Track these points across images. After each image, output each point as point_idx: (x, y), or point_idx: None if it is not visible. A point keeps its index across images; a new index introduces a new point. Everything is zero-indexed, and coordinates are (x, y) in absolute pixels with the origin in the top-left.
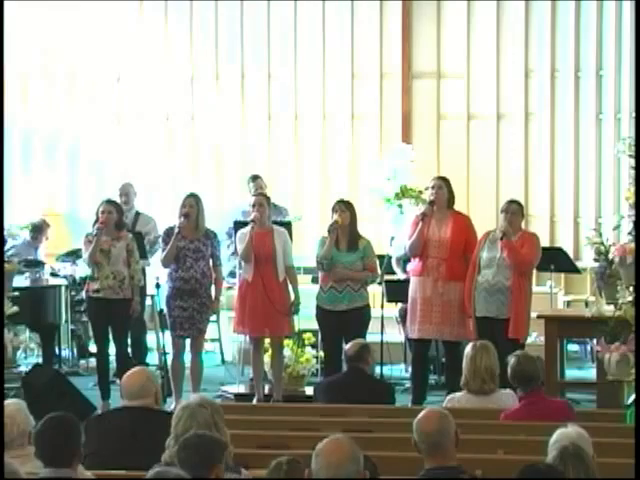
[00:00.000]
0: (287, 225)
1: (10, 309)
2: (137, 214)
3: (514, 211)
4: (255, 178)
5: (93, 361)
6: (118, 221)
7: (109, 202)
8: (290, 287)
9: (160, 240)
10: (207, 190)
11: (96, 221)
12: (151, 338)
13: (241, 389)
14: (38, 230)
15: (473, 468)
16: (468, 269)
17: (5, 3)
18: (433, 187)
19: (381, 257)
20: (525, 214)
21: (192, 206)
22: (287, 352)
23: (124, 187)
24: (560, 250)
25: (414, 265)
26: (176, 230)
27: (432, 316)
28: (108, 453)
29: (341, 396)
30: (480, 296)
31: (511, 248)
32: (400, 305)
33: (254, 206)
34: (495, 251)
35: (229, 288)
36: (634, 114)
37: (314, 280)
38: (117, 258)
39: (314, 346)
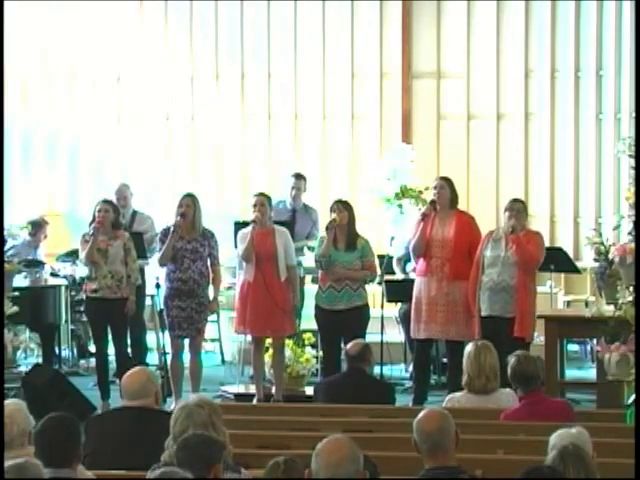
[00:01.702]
0: (288, 225)
1: (10, 309)
2: (134, 213)
3: (518, 210)
4: (299, 177)
5: (93, 361)
6: (115, 220)
7: (105, 202)
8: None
9: (157, 239)
10: (207, 190)
11: (93, 221)
12: (151, 338)
13: (241, 389)
14: (37, 226)
15: (473, 468)
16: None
17: (5, 3)
18: (435, 187)
19: (381, 257)
20: None
21: (189, 206)
22: (287, 352)
23: (120, 190)
24: (560, 250)
25: (418, 265)
26: (172, 229)
27: (437, 316)
28: (108, 453)
29: (341, 396)
30: (485, 295)
31: (519, 244)
32: (400, 305)
33: (255, 206)
34: (499, 250)
35: (229, 288)
36: (634, 114)
37: (314, 280)
38: (115, 257)
39: (314, 346)
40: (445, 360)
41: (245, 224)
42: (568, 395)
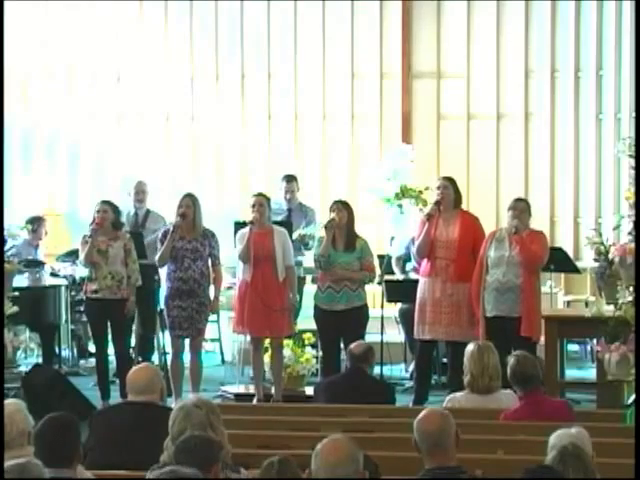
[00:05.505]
0: (287, 225)
1: (10, 309)
2: (147, 212)
3: (522, 209)
4: (290, 180)
5: (93, 361)
6: (115, 221)
7: (104, 202)
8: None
9: (157, 240)
10: (207, 190)
11: (93, 222)
12: None
13: (241, 389)
14: (37, 221)
15: (473, 468)
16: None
17: (5, 3)
18: (439, 187)
19: (381, 257)
20: None
21: (189, 206)
22: (287, 352)
23: (139, 185)
24: (560, 250)
25: (422, 266)
26: (171, 229)
27: (442, 317)
28: (111, 448)
29: (341, 396)
30: (491, 296)
31: (523, 244)
32: (400, 305)
33: (254, 206)
34: (503, 249)
35: (229, 288)
36: (634, 114)
37: (314, 280)
38: (115, 258)
39: (314, 346)
40: (445, 360)
41: (244, 224)
42: (568, 395)
